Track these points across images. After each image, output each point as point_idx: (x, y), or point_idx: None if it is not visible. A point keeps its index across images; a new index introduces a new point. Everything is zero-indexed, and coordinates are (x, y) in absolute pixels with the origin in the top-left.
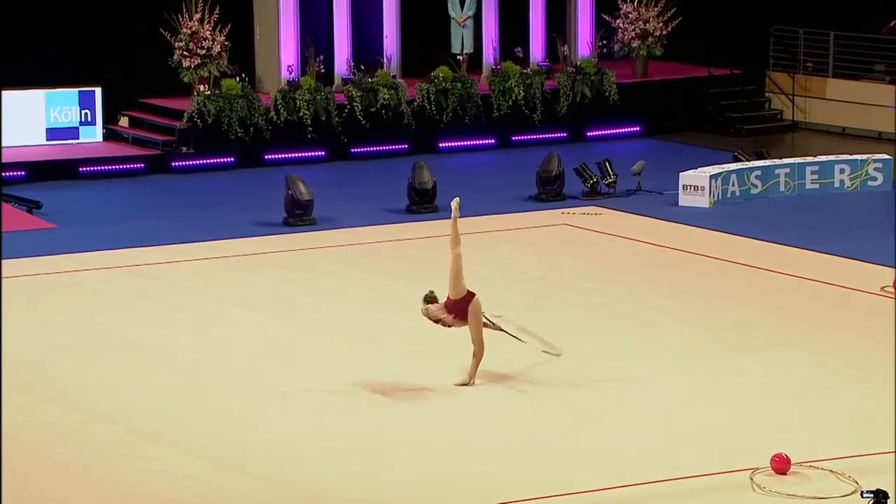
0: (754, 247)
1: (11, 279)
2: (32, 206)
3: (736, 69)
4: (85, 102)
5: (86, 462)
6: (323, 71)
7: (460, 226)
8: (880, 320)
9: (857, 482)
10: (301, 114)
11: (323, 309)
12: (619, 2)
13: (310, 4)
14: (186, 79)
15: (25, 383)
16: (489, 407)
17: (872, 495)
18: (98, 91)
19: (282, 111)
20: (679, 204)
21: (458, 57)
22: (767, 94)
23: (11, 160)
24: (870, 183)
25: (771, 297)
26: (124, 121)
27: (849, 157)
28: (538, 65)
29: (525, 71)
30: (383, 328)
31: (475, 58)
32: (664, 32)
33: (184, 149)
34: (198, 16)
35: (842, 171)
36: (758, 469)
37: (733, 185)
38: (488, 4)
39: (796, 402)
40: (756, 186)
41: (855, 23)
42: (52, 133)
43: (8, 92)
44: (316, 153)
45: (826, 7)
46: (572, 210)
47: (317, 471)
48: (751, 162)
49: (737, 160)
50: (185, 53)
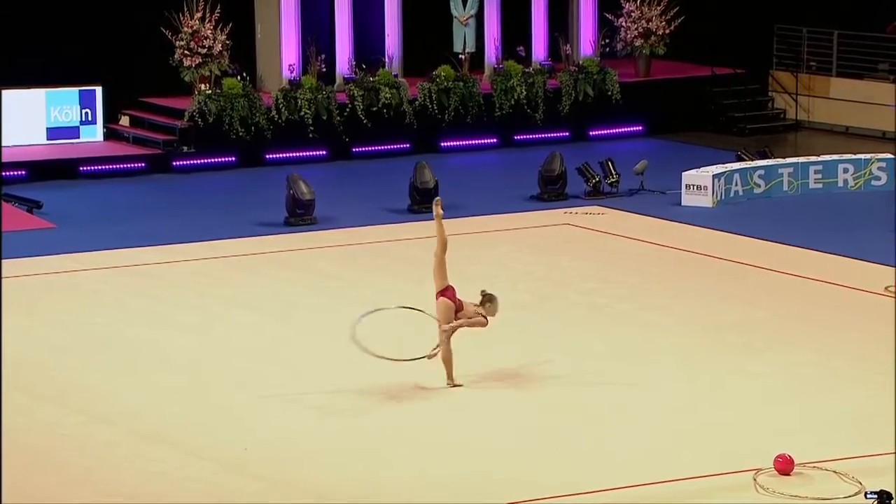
0: (757, 247)
1: (11, 279)
2: (33, 206)
3: (739, 68)
4: (85, 102)
5: (86, 463)
6: (324, 70)
7: (461, 226)
8: (884, 320)
9: (861, 483)
10: (302, 113)
11: (324, 309)
12: (622, 0)
13: (311, 3)
14: (187, 78)
15: (25, 384)
16: (490, 407)
17: (876, 496)
18: (99, 90)
19: (283, 110)
20: (682, 204)
21: (460, 56)
22: (771, 94)
23: (12, 159)
24: (873, 182)
25: (774, 298)
26: (125, 120)
27: (852, 157)
28: (540, 64)
29: (527, 70)
30: (384, 329)
31: (477, 57)
32: (667, 31)
33: (185, 148)
34: (199, 15)
35: (845, 171)
36: (761, 470)
37: (736, 185)
38: (490, 3)
39: (800, 403)
40: (759, 186)
41: (859, 22)
42: (53, 132)
43: (8, 91)
44: (317, 152)
45: (830, 6)
46: (574, 210)
47: (317, 471)
48: (754, 161)
49: (740, 160)
50: (186, 52)
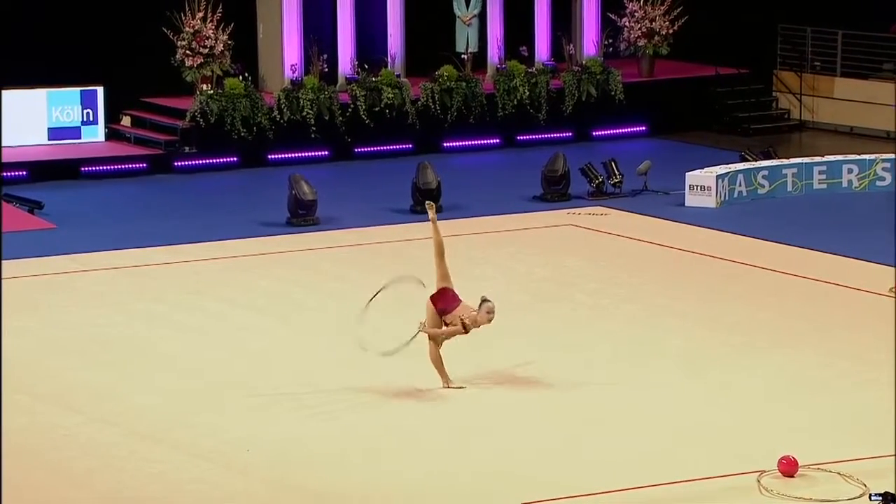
0: (761, 247)
1: (13, 279)
2: (34, 206)
3: (743, 68)
4: (87, 102)
5: (88, 464)
6: (326, 70)
7: (464, 226)
8: (888, 321)
9: (866, 485)
10: (304, 113)
11: (326, 310)
12: (625, 0)
13: (313, 3)
14: (189, 78)
15: (27, 385)
16: (493, 409)
17: (881, 498)
18: (100, 90)
19: (285, 110)
20: (685, 204)
21: (463, 56)
22: (775, 94)
23: (13, 160)
24: (878, 183)
25: (778, 298)
26: (126, 120)
27: (857, 157)
28: (543, 64)
29: (530, 70)
30: (387, 329)
31: (480, 57)
32: (670, 31)
33: (186, 148)
34: (200, 14)
35: (850, 171)
36: (765, 471)
37: (740, 185)
38: (493, 3)
39: (804, 404)
40: (763, 186)
41: (863, 21)
42: (54, 133)
43: (10, 91)
44: (319, 153)
45: (834, 5)
46: (578, 210)
47: (321, 473)
48: (758, 162)
49: (744, 160)
50: (188, 52)
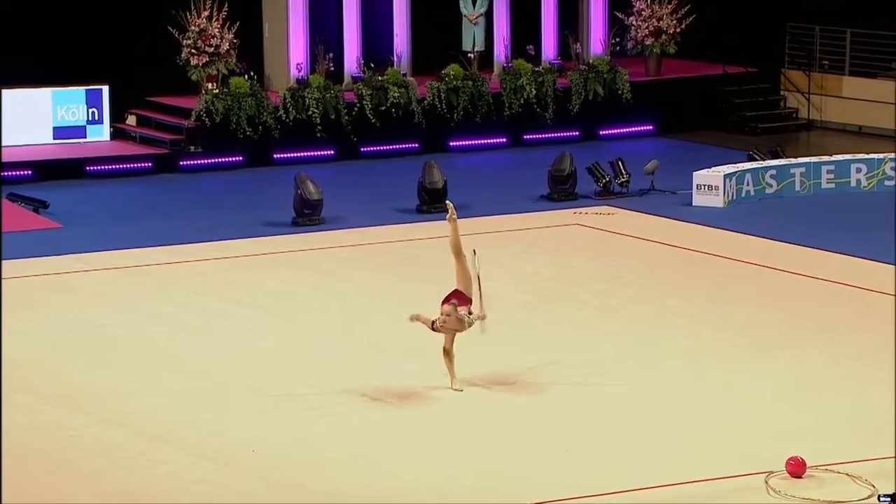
0: (769, 247)
1: (18, 279)
2: (39, 206)
3: (751, 67)
4: (92, 101)
5: (94, 465)
6: (332, 69)
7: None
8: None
9: (874, 486)
10: (310, 112)
11: (332, 310)
12: None
13: (319, 2)
14: (194, 77)
15: (32, 385)
16: (500, 410)
17: (889, 499)
18: (105, 89)
19: (291, 110)
20: (693, 204)
21: (470, 55)
22: (783, 93)
23: (18, 159)
24: (886, 182)
25: (786, 298)
26: (132, 119)
27: (865, 157)
28: (550, 63)
29: (537, 69)
30: (393, 330)
31: (486, 56)
32: (678, 30)
33: (192, 148)
34: (206, 13)
35: (858, 171)
36: (773, 472)
37: (748, 185)
38: (500, 2)
39: (812, 405)
40: (771, 186)
41: (872, 20)
42: (59, 132)
43: (15, 90)
44: (325, 152)
45: (842, 4)
46: (585, 210)
47: (326, 474)
48: (766, 161)
49: (751, 159)
50: (194, 51)
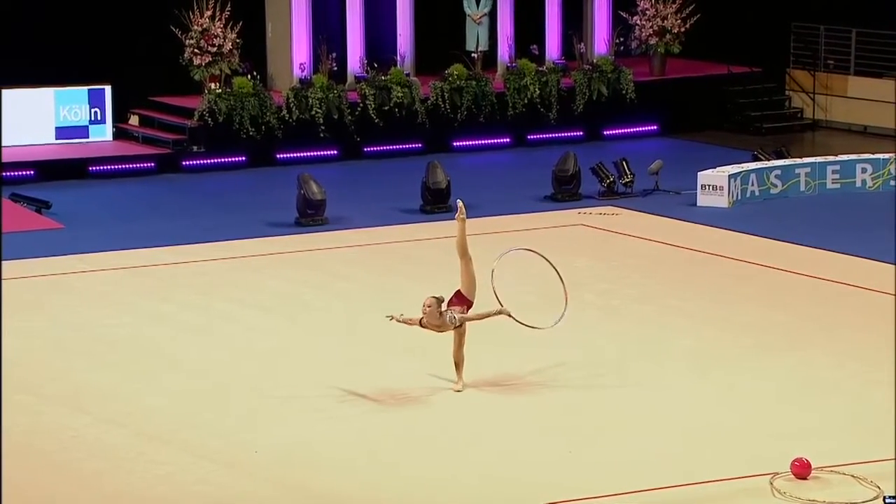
0: (774, 248)
1: (20, 280)
2: (41, 206)
3: (755, 67)
4: (95, 101)
5: (95, 465)
6: (335, 69)
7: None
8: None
9: (879, 487)
10: (313, 112)
11: (335, 310)
12: None
13: (322, 1)
14: (197, 77)
15: (33, 385)
16: (503, 411)
17: (895, 501)
18: (108, 89)
19: (294, 110)
20: (697, 204)
21: (473, 54)
22: (788, 92)
23: (20, 159)
24: (892, 182)
25: (790, 299)
26: (134, 119)
27: (871, 157)
28: (554, 62)
29: (541, 69)
30: (396, 330)
31: (490, 55)
32: (682, 29)
33: (194, 148)
34: (209, 13)
35: (863, 171)
36: (778, 474)
37: (752, 185)
38: (504, 1)
39: (817, 406)
40: (776, 186)
41: (877, 19)
42: (62, 132)
43: (17, 90)
44: (328, 152)
45: (848, 3)
46: (588, 210)
47: (329, 475)
48: (770, 161)
49: (756, 159)
50: (196, 51)
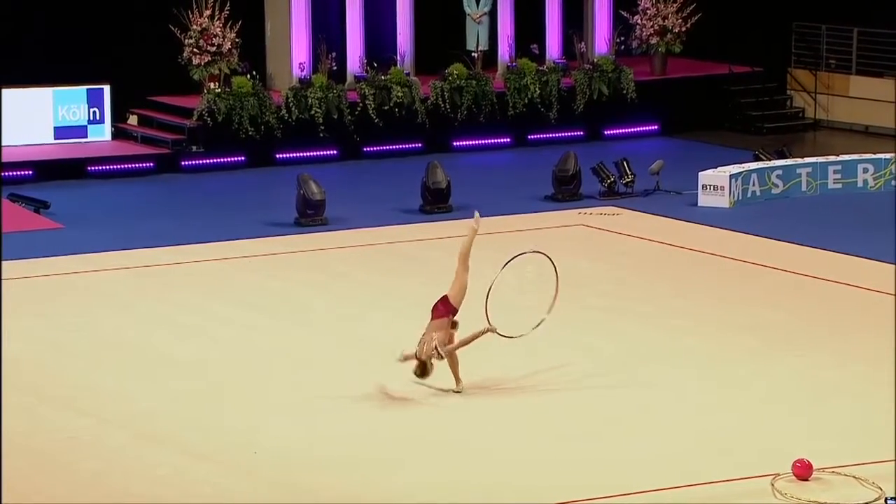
0: (775, 248)
1: (18, 280)
2: (40, 206)
3: (757, 66)
4: (93, 100)
5: (95, 466)
6: (335, 68)
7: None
8: None
9: (881, 488)
10: (313, 112)
11: (334, 310)
12: None
13: (322, 0)
14: (196, 76)
15: (33, 386)
16: (505, 412)
17: None
18: (107, 89)
19: (293, 109)
20: (698, 204)
21: (473, 54)
22: (789, 92)
23: (19, 159)
24: (893, 182)
25: (792, 300)
26: (133, 119)
27: (872, 157)
28: (554, 62)
29: (541, 68)
30: (396, 331)
31: (490, 55)
32: (683, 29)
33: (193, 147)
34: (208, 12)
35: (865, 171)
36: (779, 475)
37: (754, 185)
38: (504, 0)
39: (818, 407)
40: (777, 186)
41: (879, 19)
42: (60, 132)
43: (15, 90)
44: (328, 152)
45: (849, 3)
46: (589, 210)
47: (329, 476)
48: (772, 161)
49: (757, 159)
50: (195, 51)
